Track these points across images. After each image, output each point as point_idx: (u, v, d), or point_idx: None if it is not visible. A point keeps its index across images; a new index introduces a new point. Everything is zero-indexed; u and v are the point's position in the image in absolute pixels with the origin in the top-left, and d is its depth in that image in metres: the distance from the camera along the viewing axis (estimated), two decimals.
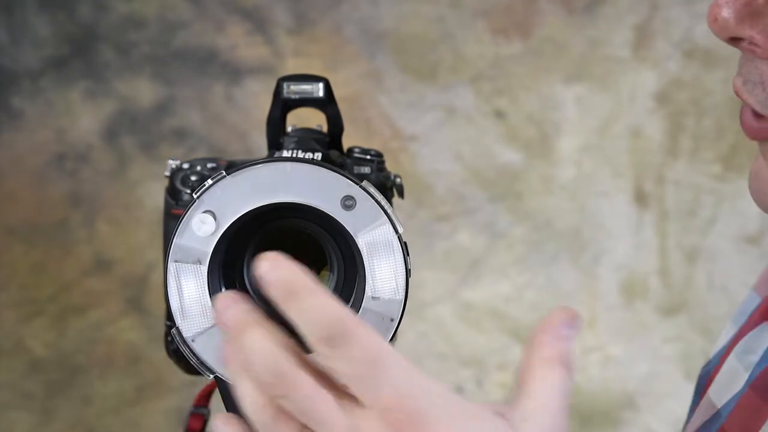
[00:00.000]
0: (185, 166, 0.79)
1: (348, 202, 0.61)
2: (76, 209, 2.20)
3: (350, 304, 0.63)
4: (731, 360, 0.76)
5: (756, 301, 0.83)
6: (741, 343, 0.77)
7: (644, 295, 2.21)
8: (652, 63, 2.21)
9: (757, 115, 0.61)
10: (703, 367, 0.86)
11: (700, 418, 0.78)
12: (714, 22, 0.58)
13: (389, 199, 0.77)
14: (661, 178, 2.22)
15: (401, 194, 0.80)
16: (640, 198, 2.22)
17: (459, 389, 2.20)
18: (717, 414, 0.75)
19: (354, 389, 0.52)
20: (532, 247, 2.22)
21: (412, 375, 0.52)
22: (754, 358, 0.74)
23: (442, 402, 0.53)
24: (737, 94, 0.61)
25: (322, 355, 0.52)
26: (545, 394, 0.56)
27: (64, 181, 2.20)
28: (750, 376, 0.73)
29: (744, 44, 0.59)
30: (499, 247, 2.22)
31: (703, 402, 0.79)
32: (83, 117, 2.21)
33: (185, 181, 0.78)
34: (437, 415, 0.52)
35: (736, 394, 0.73)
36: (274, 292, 0.53)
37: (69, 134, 2.21)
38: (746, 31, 0.58)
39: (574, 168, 2.22)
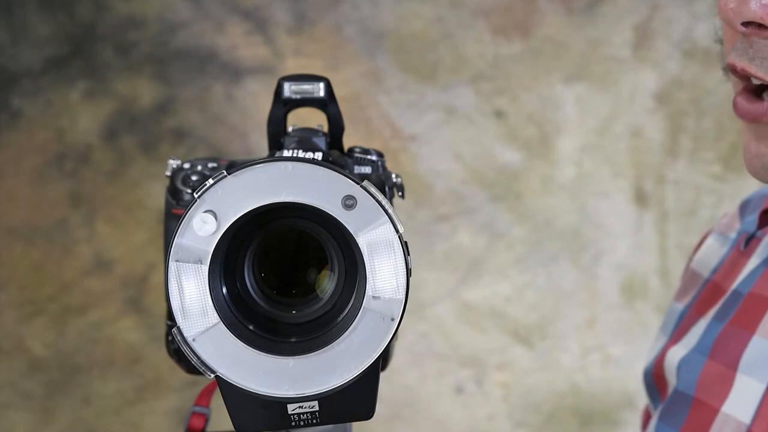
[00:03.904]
0: (186, 165, 0.79)
1: (349, 202, 0.61)
2: (76, 209, 2.20)
3: (351, 303, 0.63)
4: (678, 350, 0.88)
5: (678, 307, 0.96)
6: (688, 335, 0.90)
7: (644, 295, 2.21)
8: (652, 63, 2.21)
9: (751, 98, 0.71)
10: (647, 368, 0.95)
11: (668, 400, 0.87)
12: (730, 9, 0.69)
13: (390, 199, 0.77)
14: (661, 178, 2.22)
15: (402, 194, 0.79)
16: (640, 198, 2.22)
17: (459, 389, 2.20)
18: (682, 394, 0.85)
19: None
20: (532, 247, 2.22)
21: None
22: (693, 339, 0.88)
23: None
24: (744, 71, 0.72)
25: None
26: None
27: (64, 181, 2.20)
28: (700, 349, 0.85)
29: (752, 28, 0.70)
30: (499, 247, 2.22)
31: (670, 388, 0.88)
32: (83, 117, 2.21)
33: (186, 181, 0.78)
34: None
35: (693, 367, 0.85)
36: None
37: (69, 134, 2.21)
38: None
39: (574, 168, 2.22)
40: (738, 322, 0.82)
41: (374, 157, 0.79)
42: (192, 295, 0.62)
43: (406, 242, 0.62)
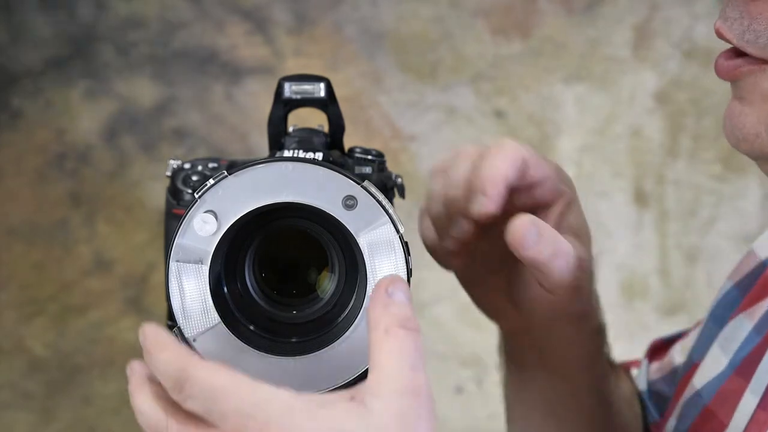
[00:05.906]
0: (186, 166, 0.79)
1: (349, 202, 0.61)
2: (76, 209, 2.20)
3: (351, 303, 0.64)
4: (714, 349, 0.82)
5: (728, 285, 0.90)
6: (722, 333, 0.83)
7: (644, 295, 2.21)
8: (651, 63, 2.21)
9: (729, 57, 0.70)
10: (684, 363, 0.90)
11: (681, 401, 0.83)
12: None
13: (390, 199, 0.77)
14: (661, 178, 2.22)
15: (402, 194, 0.80)
16: (640, 198, 2.22)
17: (459, 389, 2.20)
18: (697, 394, 0.80)
19: (212, 423, 0.57)
20: None
21: (253, 393, 0.56)
22: (735, 345, 0.80)
23: (282, 408, 0.55)
24: (719, 33, 0.71)
25: (179, 402, 0.58)
26: (390, 361, 0.55)
27: (64, 181, 2.20)
28: (732, 361, 0.78)
29: None
30: None
31: (687, 389, 0.84)
32: (83, 117, 2.21)
33: (187, 181, 0.78)
34: (280, 423, 0.54)
35: (717, 377, 0.78)
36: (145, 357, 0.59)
37: (69, 134, 2.21)
38: None
39: (574, 168, 2.22)
40: None
41: (375, 158, 0.79)
42: (192, 296, 0.62)
43: (406, 242, 0.62)
